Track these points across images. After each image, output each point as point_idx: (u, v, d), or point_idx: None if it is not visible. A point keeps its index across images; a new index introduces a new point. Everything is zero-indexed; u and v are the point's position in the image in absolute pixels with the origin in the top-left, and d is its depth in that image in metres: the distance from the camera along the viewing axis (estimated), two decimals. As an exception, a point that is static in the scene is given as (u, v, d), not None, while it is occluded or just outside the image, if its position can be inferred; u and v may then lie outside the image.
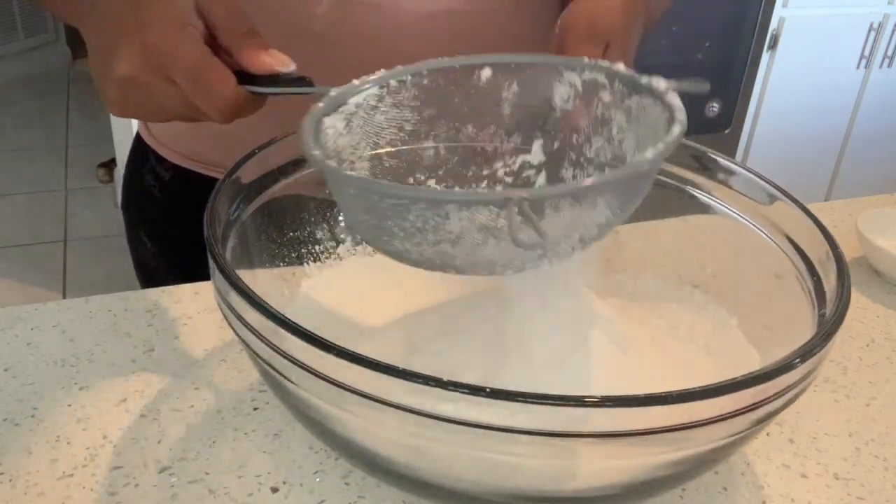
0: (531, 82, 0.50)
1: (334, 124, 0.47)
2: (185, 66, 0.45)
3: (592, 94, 0.49)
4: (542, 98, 0.50)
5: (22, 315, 0.59)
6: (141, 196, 0.79)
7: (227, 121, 0.47)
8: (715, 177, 0.55)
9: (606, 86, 0.48)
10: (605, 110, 0.48)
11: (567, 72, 0.49)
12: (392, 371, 0.35)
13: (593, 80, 0.48)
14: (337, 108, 0.47)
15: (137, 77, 0.46)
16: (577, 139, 0.50)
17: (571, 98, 0.50)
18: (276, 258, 0.54)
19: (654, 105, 0.45)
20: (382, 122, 0.49)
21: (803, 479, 0.50)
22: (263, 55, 0.47)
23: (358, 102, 0.48)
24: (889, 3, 2.24)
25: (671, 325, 0.54)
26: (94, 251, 2.34)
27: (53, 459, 0.48)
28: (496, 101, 0.51)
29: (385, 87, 0.49)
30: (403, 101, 0.50)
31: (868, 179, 2.50)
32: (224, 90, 0.46)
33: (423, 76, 0.50)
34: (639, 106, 0.47)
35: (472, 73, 0.50)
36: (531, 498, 0.41)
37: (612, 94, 0.48)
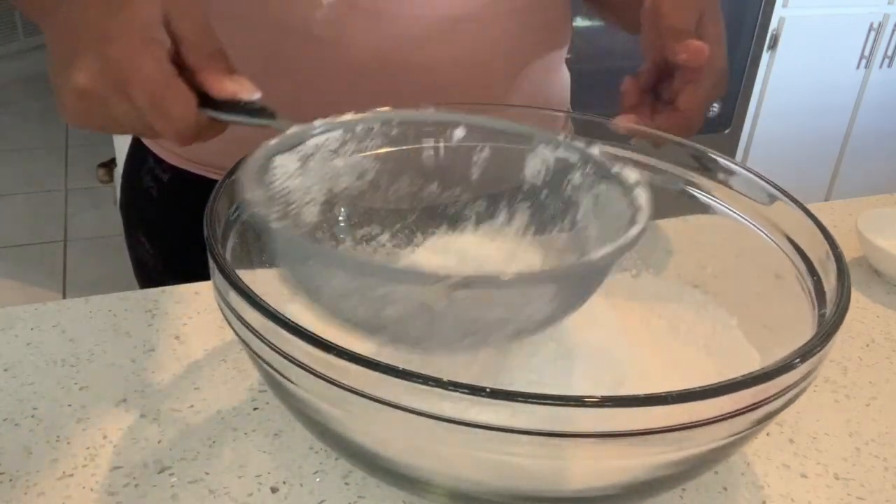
0: (504, 150, 0.49)
1: (286, 164, 0.45)
2: (144, 85, 0.43)
3: (564, 173, 0.47)
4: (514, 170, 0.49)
5: (22, 315, 0.59)
6: (139, 197, 0.79)
7: (185, 144, 0.46)
8: (715, 177, 0.55)
9: (579, 167, 0.47)
10: (574, 193, 0.47)
11: (541, 146, 0.48)
12: (392, 371, 0.35)
13: (566, 159, 0.47)
14: (293, 147, 0.45)
15: (94, 90, 0.44)
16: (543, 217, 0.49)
17: (542, 173, 0.48)
18: (276, 258, 0.54)
19: (620, 198, 0.44)
20: (341, 168, 0.47)
21: (803, 479, 0.50)
22: (226, 80, 0.45)
23: (318, 143, 0.46)
24: (889, 3, 2.24)
25: (671, 325, 0.54)
26: (94, 251, 2.34)
27: (53, 459, 0.48)
28: (466, 162, 0.49)
29: (350, 131, 0.47)
30: (367, 149, 0.48)
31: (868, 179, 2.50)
32: (182, 113, 0.44)
33: (391, 125, 0.48)
34: (606, 196, 0.45)
35: (445, 131, 0.48)
36: (531, 498, 0.41)
37: (582, 177, 0.47)
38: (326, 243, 0.50)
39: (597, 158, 0.46)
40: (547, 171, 0.48)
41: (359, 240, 0.52)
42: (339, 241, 0.54)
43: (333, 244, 0.50)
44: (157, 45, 0.44)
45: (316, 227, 0.48)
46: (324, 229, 0.49)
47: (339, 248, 0.50)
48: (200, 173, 0.73)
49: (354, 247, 0.52)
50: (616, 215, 0.44)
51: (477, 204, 0.52)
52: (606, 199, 0.46)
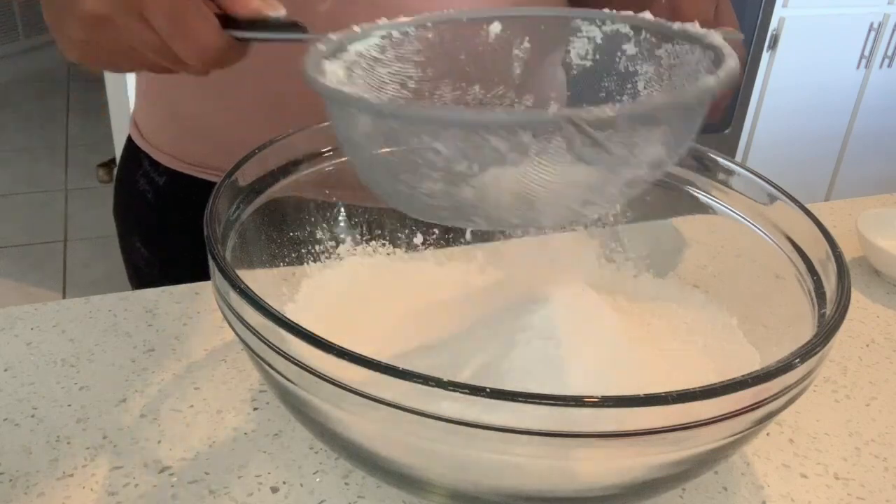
0: (545, 38, 0.46)
1: (335, 71, 0.42)
2: (163, 4, 0.40)
3: (614, 48, 0.44)
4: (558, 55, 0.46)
5: (22, 315, 0.59)
6: (134, 201, 0.78)
7: (206, 70, 0.43)
8: (715, 177, 0.55)
9: (631, 37, 0.44)
10: (630, 64, 0.44)
11: (585, 25, 0.45)
12: (392, 371, 0.35)
13: (616, 32, 0.44)
14: (337, 54, 0.43)
15: (108, 14, 0.41)
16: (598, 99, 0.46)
17: (590, 54, 0.45)
18: (276, 258, 0.54)
19: (690, 51, 0.41)
20: (384, 76, 0.45)
21: (803, 479, 0.50)
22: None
23: (359, 51, 0.44)
24: (889, 3, 2.24)
25: (671, 325, 0.54)
26: (94, 251, 2.34)
27: (53, 459, 0.48)
28: (506, 58, 0.46)
29: (388, 37, 0.45)
30: (407, 55, 0.45)
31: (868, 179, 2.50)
32: (205, 34, 0.41)
33: (427, 29, 0.45)
34: (671, 55, 0.43)
35: (480, 28, 0.46)
36: (531, 498, 0.41)
37: (638, 45, 0.44)
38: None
39: (651, 22, 0.44)
40: (595, 48, 0.45)
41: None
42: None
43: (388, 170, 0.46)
44: None
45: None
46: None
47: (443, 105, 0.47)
48: (198, 175, 0.73)
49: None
50: (692, 68, 0.41)
51: (524, 99, 0.49)
52: (673, 57, 0.43)
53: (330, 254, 0.58)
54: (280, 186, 0.53)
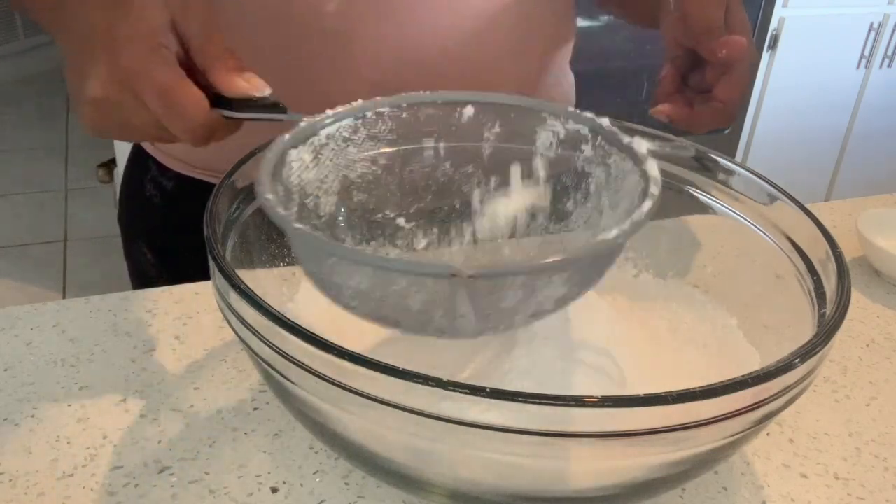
0: (514, 125, 0.49)
1: (301, 157, 0.45)
2: (156, 88, 0.44)
3: (575, 146, 0.48)
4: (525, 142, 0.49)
5: (22, 315, 0.59)
6: (141, 206, 0.78)
7: (200, 144, 0.46)
8: (715, 177, 0.55)
9: (589, 139, 0.47)
10: (586, 164, 0.48)
11: (551, 119, 0.48)
12: (392, 371, 0.35)
13: (577, 132, 0.48)
14: (305, 140, 0.46)
15: (109, 98, 0.45)
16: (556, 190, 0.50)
17: (553, 146, 0.49)
18: (276, 258, 0.54)
19: (632, 170, 0.44)
20: (355, 155, 0.48)
21: (803, 479, 0.50)
22: (237, 78, 0.46)
23: (330, 134, 0.47)
24: (889, 3, 2.24)
25: (671, 325, 0.54)
26: (94, 251, 2.34)
27: (53, 459, 0.48)
28: (477, 140, 0.50)
29: (361, 118, 0.48)
30: (379, 135, 0.48)
31: (868, 179, 2.50)
32: (195, 114, 0.44)
33: (401, 109, 0.48)
34: (618, 167, 0.46)
35: (454, 111, 0.49)
36: (531, 498, 0.41)
37: (594, 149, 0.47)
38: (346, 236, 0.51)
39: (607, 130, 0.46)
40: (558, 143, 0.49)
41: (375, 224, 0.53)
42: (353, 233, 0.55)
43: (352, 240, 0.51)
44: (164, 49, 0.45)
45: (333, 218, 0.49)
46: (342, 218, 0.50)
47: (358, 247, 0.51)
48: (206, 179, 0.73)
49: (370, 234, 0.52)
50: (629, 189, 0.44)
51: (491, 180, 0.52)
52: (618, 171, 0.46)
53: (330, 254, 0.58)
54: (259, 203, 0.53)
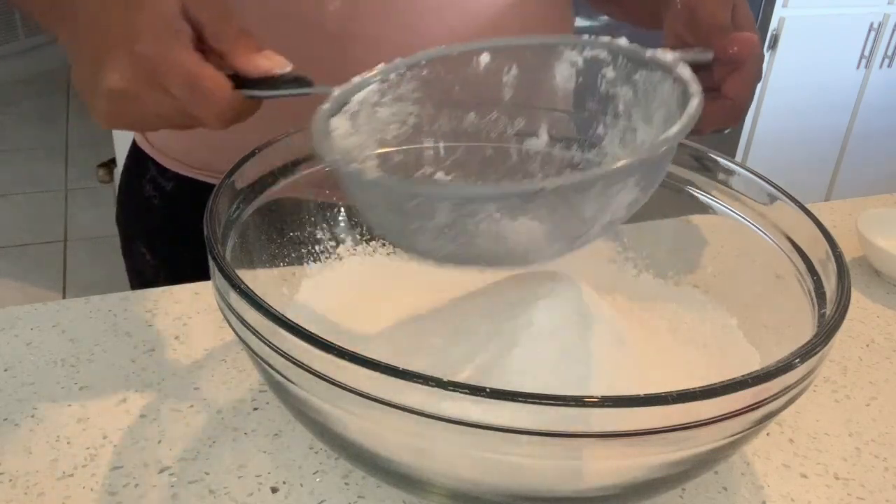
0: (531, 64, 0.50)
1: (340, 125, 0.46)
2: (178, 74, 0.44)
3: (595, 71, 0.48)
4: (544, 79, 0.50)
5: (22, 315, 0.59)
6: (140, 207, 0.78)
7: (225, 126, 0.46)
8: (715, 177, 0.55)
9: (609, 62, 0.47)
10: (611, 87, 0.48)
11: (567, 50, 0.48)
12: (392, 371, 0.35)
13: (595, 57, 0.48)
14: (341, 108, 0.46)
15: (129, 89, 0.44)
16: (584, 118, 0.50)
17: (573, 77, 0.49)
18: (276, 258, 0.54)
19: (662, 80, 0.44)
20: (386, 118, 0.49)
21: (803, 479, 0.50)
22: (257, 57, 0.46)
23: (360, 100, 0.47)
24: (889, 3, 2.24)
25: (671, 325, 0.54)
26: (94, 251, 2.34)
27: (53, 459, 0.48)
28: (497, 86, 0.50)
29: (385, 81, 0.48)
30: (404, 95, 0.49)
31: (868, 179, 2.50)
32: (220, 96, 0.44)
33: (421, 67, 0.49)
34: (646, 81, 0.46)
35: (470, 60, 0.49)
36: (531, 498, 0.41)
37: (616, 70, 0.47)
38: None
39: (626, 48, 0.47)
40: (578, 73, 0.49)
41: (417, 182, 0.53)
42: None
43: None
44: (182, 34, 0.45)
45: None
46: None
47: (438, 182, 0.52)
48: (205, 179, 0.73)
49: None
50: (664, 97, 0.44)
51: (517, 122, 0.52)
52: (647, 84, 0.46)
53: (330, 254, 0.58)
54: (280, 186, 0.53)
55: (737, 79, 0.55)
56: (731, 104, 0.55)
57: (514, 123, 0.52)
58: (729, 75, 0.55)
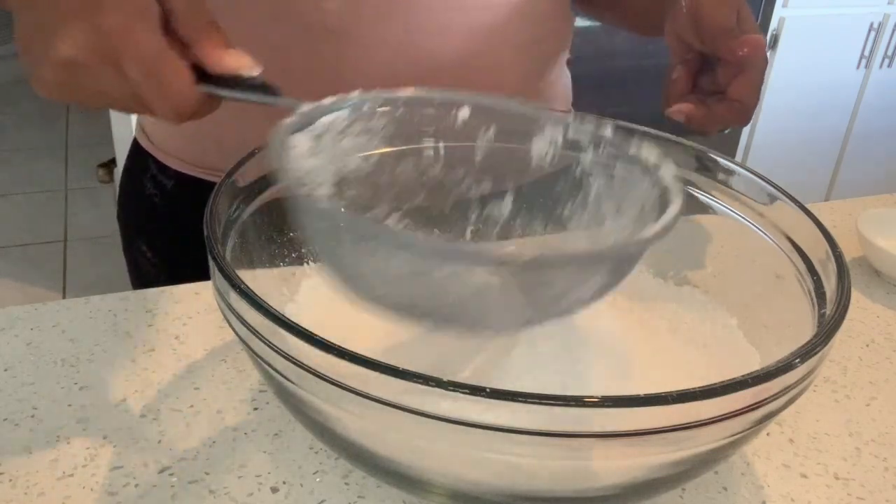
0: (510, 131, 0.48)
1: (300, 144, 0.43)
2: (137, 55, 0.41)
3: (574, 154, 0.47)
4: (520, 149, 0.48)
5: (22, 315, 0.59)
6: (141, 205, 0.78)
7: (179, 121, 0.44)
8: (715, 177, 0.55)
9: (590, 149, 0.46)
10: (587, 171, 0.47)
11: (550, 126, 0.47)
12: (392, 371, 0.35)
13: (576, 141, 0.47)
14: (305, 127, 0.44)
15: (81, 61, 0.41)
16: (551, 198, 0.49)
17: (550, 154, 0.47)
18: (276, 258, 0.54)
19: (643, 177, 0.44)
20: (350, 148, 0.46)
21: (803, 479, 0.50)
22: (225, 54, 0.43)
23: (328, 123, 0.45)
24: (889, 3, 2.24)
25: (671, 325, 0.54)
26: (94, 251, 2.34)
27: (53, 459, 0.48)
28: (470, 143, 0.48)
29: (358, 110, 0.46)
30: (374, 129, 0.47)
31: (868, 179, 2.50)
32: (178, 88, 0.42)
33: (398, 106, 0.47)
34: (624, 176, 0.45)
35: (450, 111, 0.48)
36: (531, 498, 0.41)
37: (596, 157, 0.46)
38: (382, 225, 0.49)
39: (610, 139, 0.46)
40: (555, 152, 0.47)
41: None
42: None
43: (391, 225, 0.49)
44: (151, 16, 0.42)
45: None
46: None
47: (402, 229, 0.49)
48: (208, 178, 0.73)
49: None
50: (638, 194, 0.44)
51: (482, 185, 0.51)
52: (624, 179, 0.45)
53: (330, 254, 0.58)
54: (280, 187, 0.53)
55: (744, 80, 0.55)
56: (739, 106, 0.56)
57: (479, 185, 0.50)
58: (735, 77, 0.55)
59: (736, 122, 0.56)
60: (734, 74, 0.55)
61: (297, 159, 0.42)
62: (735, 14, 0.56)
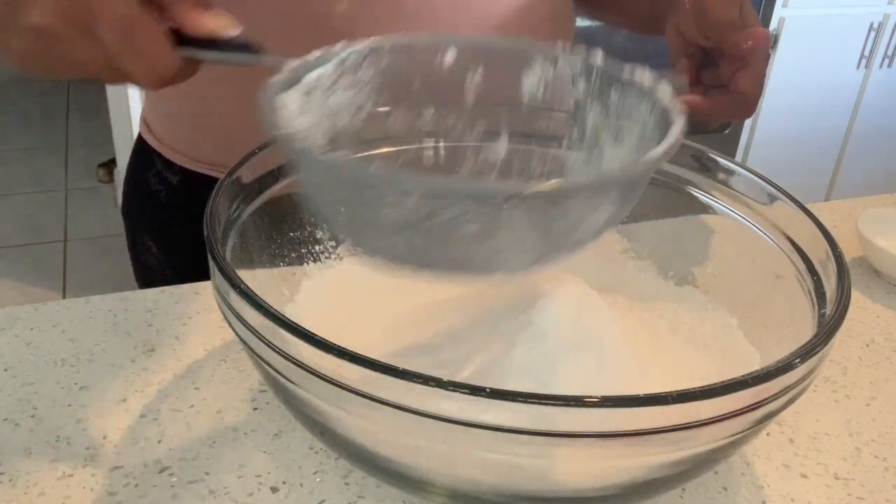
0: (498, 68, 0.47)
1: (291, 101, 0.42)
2: (112, 20, 0.39)
3: (565, 85, 0.46)
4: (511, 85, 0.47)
5: (22, 315, 0.59)
6: (146, 201, 0.79)
7: (156, 87, 0.42)
8: (715, 177, 0.55)
9: (583, 76, 0.45)
10: (581, 102, 0.46)
11: (539, 58, 0.46)
12: (392, 371, 0.35)
13: (568, 70, 0.46)
14: (293, 84, 0.42)
15: (53, 28, 0.40)
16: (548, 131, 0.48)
17: (542, 87, 0.46)
18: (276, 258, 0.54)
19: (639, 101, 0.43)
20: (339, 103, 0.45)
21: (803, 479, 0.50)
22: (203, 15, 0.41)
23: (315, 78, 0.43)
24: (889, 3, 2.24)
25: (671, 325, 0.54)
26: (94, 251, 2.34)
27: (53, 459, 0.48)
28: (460, 85, 0.47)
29: (344, 63, 0.45)
30: (361, 81, 0.45)
31: (868, 179, 2.50)
32: (155, 53, 0.40)
33: (382, 53, 0.45)
34: (621, 100, 0.44)
35: (436, 55, 0.46)
36: (531, 498, 0.41)
37: (589, 85, 0.45)
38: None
39: (602, 67, 0.45)
40: (546, 84, 0.46)
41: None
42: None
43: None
44: None
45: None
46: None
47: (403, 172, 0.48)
48: (212, 174, 0.73)
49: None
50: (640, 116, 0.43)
51: (477, 125, 0.50)
52: (623, 102, 0.44)
53: (330, 254, 0.58)
54: (280, 186, 0.53)
55: (748, 73, 0.55)
56: (743, 98, 0.56)
57: (473, 126, 0.49)
58: (739, 70, 0.55)
59: (740, 113, 0.57)
60: (737, 68, 0.56)
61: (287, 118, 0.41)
62: (738, 8, 0.56)
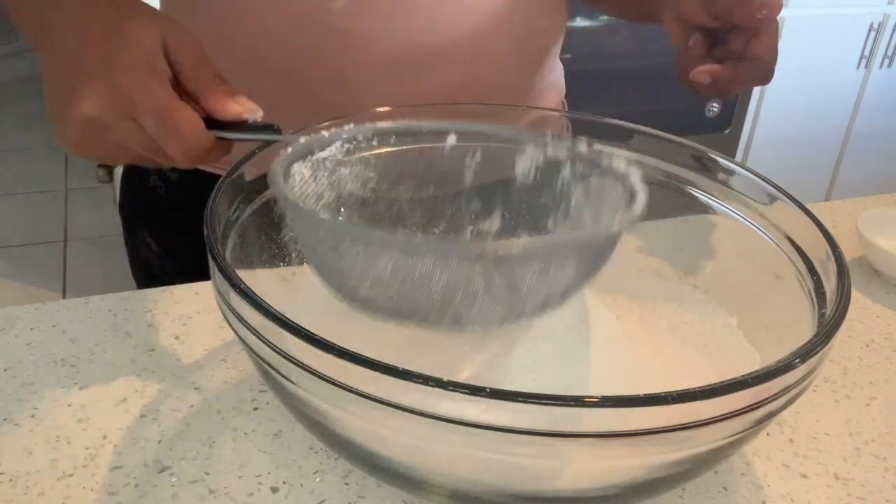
0: (495, 153, 0.52)
1: (301, 171, 0.48)
2: (152, 107, 0.45)
3: (553, 169, 0.50)
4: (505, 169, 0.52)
5: (22, 315, 0.59)
6: (145, 197, 0.79)
7: (193, 165, 0.47)
8: (715, 177, 0.55)
9: (567, 164, 0.50)
10: (565, 186, 0.50)
11: (530, 145, 0.51)
12: (392, 371, 0.35)
13: (555, 158, 0.50)
14: (305, 156, 0.48)
15: (101, 118, 0.45)
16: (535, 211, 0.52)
17: (532, 171, 0.51)
18: (276, 258, 0.54)
19: (614, 185, 0.47)
20: (346, 176, 0.51)
21: (803, 479, 0.50)
22: (230, 102, 0.47)
23: (325, 153, 0.49)
24: (889, 3, 2.24)
25: (671, 325, 0.54)
26: (94, 251, 2.34)
27: (53, 459, 0.48)
28: (459, 167, 0.53)
29: (353, 141, 0.50)
30: (369, 159, 0.51)
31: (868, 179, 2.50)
32: (191, 134, 0.46)
33: (389, 135, 0.51)
34: (599, 184, 0.48)
35: (439, 138, 0.52)
36: (531, 498, 0.41)
37: (573, 171, 0.50)
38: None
39: (584, 155, 0.49)
40: (537, 168, 0.51)
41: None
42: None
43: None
44: (160, 72, 0.46)
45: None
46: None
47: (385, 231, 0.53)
48: (211, 170, 0.73)
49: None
50: (612, 200, 0.46)
51: (473, 204, 0.55)
52: (599, 188, 0.48)
53: (330, 254, 0.58)
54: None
55: (762, 40, 0.57)
56: (762, 62, 0.57)
57: (468, 206, 0.55)
58: (753, 38, 0.57)
59: (761, 79, 0.58)
60: (749, 38, 0.57)
61: (298, 185, 0.47)
62: None
